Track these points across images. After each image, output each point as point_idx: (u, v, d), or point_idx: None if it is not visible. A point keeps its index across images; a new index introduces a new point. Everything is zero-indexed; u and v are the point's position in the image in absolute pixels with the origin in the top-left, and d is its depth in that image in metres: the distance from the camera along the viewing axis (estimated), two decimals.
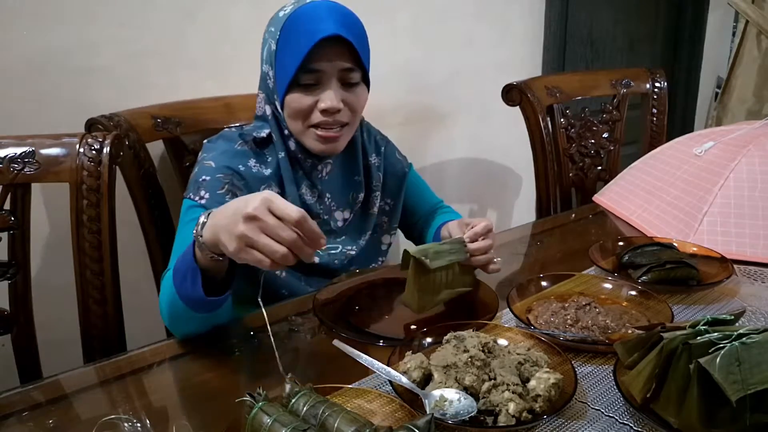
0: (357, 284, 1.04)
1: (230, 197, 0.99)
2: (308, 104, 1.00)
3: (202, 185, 1.00)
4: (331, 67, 0.98)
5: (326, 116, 1.00)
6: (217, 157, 1.03)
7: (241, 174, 1.03)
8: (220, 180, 1.00)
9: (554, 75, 2.01)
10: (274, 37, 1.00)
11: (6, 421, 0.72)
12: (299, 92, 0.99)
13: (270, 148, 1.07)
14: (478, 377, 0.70)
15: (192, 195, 1.00)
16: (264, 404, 0.62)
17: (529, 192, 1.86)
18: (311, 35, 0.95)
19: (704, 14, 2.85)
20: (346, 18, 0.99)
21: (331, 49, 0.97)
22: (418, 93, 1.96)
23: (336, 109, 0.99)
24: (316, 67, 0.97)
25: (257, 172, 1.04)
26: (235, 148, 1.05)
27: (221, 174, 1.01)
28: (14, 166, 0.98)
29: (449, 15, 1.97)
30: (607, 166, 1.76)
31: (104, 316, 1.04)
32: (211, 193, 0.99)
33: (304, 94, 0.99)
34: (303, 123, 1.02)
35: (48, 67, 1.27)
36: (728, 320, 0.70)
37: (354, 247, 1.14)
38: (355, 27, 1.00)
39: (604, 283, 0.99)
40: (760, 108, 2.73)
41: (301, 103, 1.00)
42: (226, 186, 1.00)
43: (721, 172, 1.22)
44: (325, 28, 0.95)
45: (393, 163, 1.22)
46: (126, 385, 0.81)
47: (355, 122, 1.06)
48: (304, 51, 0.95)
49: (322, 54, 0.96)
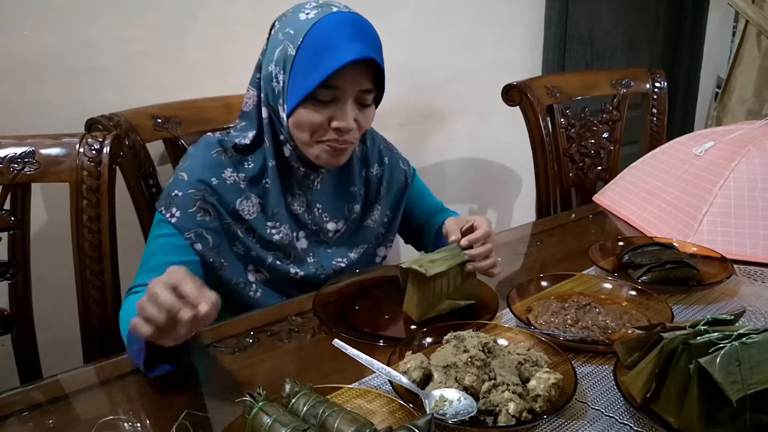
0: (357, 284, 1.04)
1: (202, 215, 0.98)
2: (321, 120, 0.96)
3: (174, 201, 0.97)
4: (352, 88, 0.96)
5: (338, 134, 0.98)
6: (191, 168, 1.00)
7: (213, 188, 0.99)
8: (192, 196, 0.97)
9: (554, 75, 2.01)
10: (293, 42, 0.94)
11: (6, 421, 0.72)
12: (313, 106, 0.95)
13: (256, 153, 1.03)
14: (478, 377, 0.70)
15: (163, 210, 0.98)
16: (264, 404, 0.62)
17: (529, 192, 1.86)
18: (339, 55, 0.91)
19: (704, 14, 2.85)
20: (373, 37, 0.96)
21: (355, 69, 0.93)
22: (418, 93, 1.96)
23: (350, 129, 0.97)
24: (337, 84, 0.94)
25: (233, 183, 1.01)
26: (211, 157, 1.01)
27: (193, 189, 0.98)
28: (14, 166, 0.98)
29: (449, 15, 1.97)
30: (607, 166, 1.76)
31: (104, 316, 1.04)
32: (182, 211, 0.97)
33: (319, 109, 0.96)
34: (311, 137, 0.99)
35: (48, 67, 1.27)
36: (728, 320, 0.70)
37: (344, 260, 1.12)
38: (379, 46, 0.98)
39: (604, 283, 0.99)
40: (760, 108, 2.73)
41: (313, 118, 0.96)
42: (197, 203, 0.98)
43: (721, 172, 1.22)
44: (355, 49, 0.91)
45: (397, 175, 1.20)
46: (126, 385, 0.81)
47: (357, 139, 1.04)
48: (328, 70, 0.91)
49: (345, 74, 0.93)
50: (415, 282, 0.90)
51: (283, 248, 1.05)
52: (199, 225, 0.98)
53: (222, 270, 1.01)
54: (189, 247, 0.97)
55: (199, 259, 0.98)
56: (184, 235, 0.97)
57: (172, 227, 0.97)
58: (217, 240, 1.00)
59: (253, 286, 1.04)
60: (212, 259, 0.99)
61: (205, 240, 0.98)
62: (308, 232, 1.09)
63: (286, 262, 1.06)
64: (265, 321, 0.95)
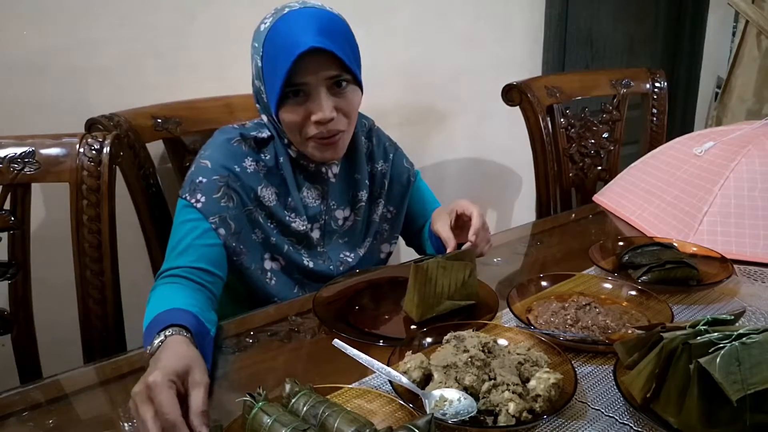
0: (357, 284, 1.04)
1: (226, 201, 1.00)
2: (301, 118, 0.99)
3: (199, 187, 0.99)
4: (317, 79, 0.97)
5: (321, 127, 0.99)
6: (213, 155, 1.03)
7: (237, 174, 1.02)
8: (216, 182, 1.00)
9: (554, 75, 2.01)
10: (258, 54, 0.99)
11: (6, 421, 0.72)
12: (290, 106, 0.98)
13: (269, 147, 1.07)
14: (478, 377, 0.70)
15: (188, 196, 0.99)
16: (264, 404, 0.62)
17: (529, 192, 1.86)
18: (290, 51, 0.93)
19: (704, 14, 2.85)
20: (326, 25, 0.96)
21: (314, 60, 0.94)
22: (418, 93, 1.96)
23: (328, 119, 0.98)
24: (301, 80, 0.96)
25: (253, 172, 1.04)
26: (232, 146, 1.04)
27: (217, 176, 1.00)
28: (14, 166, 0.98)
29: (449, 15, 1.97)
30: (607, 166, 1.76)
31: (104, 316, 1.04)
32: (208, 197, 0.99)
33: (295, 107, 0.98)
34: (300, 135, 1.01)
35: (48, 67, 1.27)
36: (728, 320, 0.70)
37: (352, 255, 1.14)
38: (337, 32, 0.98)
39: (604, 283, 0.99)
40: (760, 108, 2.73)
41: (293, 117, 0.99)
42: (222, 189, 1.00)
43: (721, 172, 1.22)
44: (304, 41, 0.92)
45: (400, 172, 1.21)
46: (126, 385, 0.81)
47: (351, 126, 1.05)
48: (285, 68, 0.93)
49: (304, 67, 0.94)
50: (416, 282, 0.90)
51: (299, 237, 1.08)
52: (222, 210, 1.00)
53: (241, 256, 1.02)
54: (214, 231, 0.99)
55: (222, 242, 1.00)
56: (209, 219, 0.99)
57: (197, 212, 0.99)
58: (239, 226, 1.02)
59: (269, 274, 1.06)
60: (233, 245, 1.01)
61: (228, 225, 1.00)
62: (321, 224, 1.11)
63: (300, 250, 1.08)
64: (265, 321, 0.95)
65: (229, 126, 1.09)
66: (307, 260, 1.09)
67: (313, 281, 1.09)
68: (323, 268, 1.10)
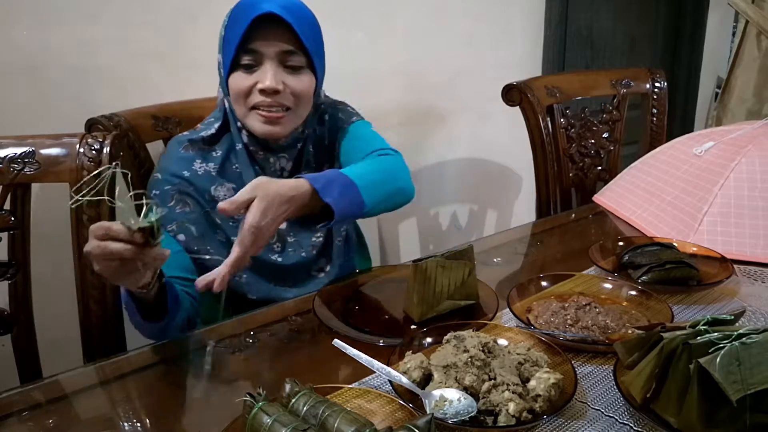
0: (357, 284, 1.04)
1: (181, 207, 1.02)
2: (248, 85, 1.00)
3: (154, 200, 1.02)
4: (270, 48, 0.98)
5: (265, 96, 0.99)
6: (163, 166, 1.06)
7: (187, 179, 1.04)
8: (168, 192, 1.03)
9: (554, 75, 2.01)
10: (224, 25, 1.01)
11: (6, 421, 0.72)
12: (240, 72, 1.00)
13: (221, 141, 1.07)
14: (478, 377, 0.70)
15: None
16: (264, 404, 0.62)
17: (529, 192, 1.86)
18: (248, 14, 0.96)
19: (704, 14, 2.85)
20: (291, 3, 0.99)
21: (270, 30, 0.97)
22: (418, 93, 1.96)
23: (273, 89, 0.98)
24: (255, 47, 0.98)
25: (204, 173, 1.05)
26: (179, 153, 1.06)
27: (168, 185, 1.03)
28: (14, 166, 0.98)
29: (449, 15, 1.97)
30: (607, 166, 1.76)
31: (104, 316, 1.04)
32: (162, 207, 0.99)
33: (244, 74, 1.00)
34: (245, 104, 1.02)
35: (48, 67, 1.26)
36: (728, 320, 0.70)
37: (320, 234, 1.12)
38: (301, 14, 1.00)
39: (604, 283, 0.99)
40: (760, 108, 2.73)
41: (241, 83, 1.00)
42: (174, 196, 1.02)
43: (721, 172, 1.22)
44: (262, 7, 0.95)
45: (334, 127, 1.16)
46: (126, 385, 0.81)
47: (300, 109, 1.04)
48: (241, 30, 0.96)
49: (260, 34, 0.97)
50: (416, 282, 0.90)
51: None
52: (179, 216, 1.02)
53: (206, 257, 1.03)
54: (173, 239, 1.01)
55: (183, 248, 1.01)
56: (167, 228, 1.01)
57: None
58: (201, 229, 1.03)
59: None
60: (197, 248, 1.02)
61: (188, 230, 1.02)
62: None
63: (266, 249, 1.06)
64: (265, 321, 0.95)
65: (179, 135, 1.11)
66: (276, 256, 1.08)
67: (287, 277, 1.08)
68: (296, 259, 1.09)
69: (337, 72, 1.75)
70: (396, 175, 1.07)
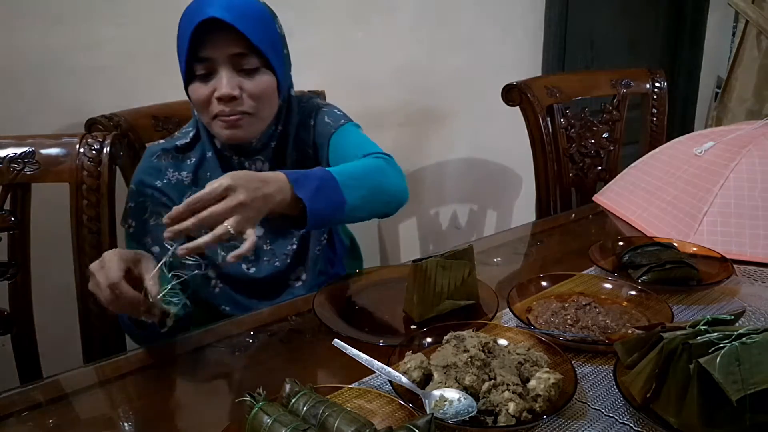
0: (357, 284, 1.04)
1: (155, 219, 1.02)
2: (206, 94, 0.96)
3: (129, 213, 1.03)
4: (220, 54, 0.94)
5: (223, 105, 0.96)
6: (137, 178, 1.05)
7: (160, 190, 1.03)
8: (142, 204, 1.02)
9: (554, 75, 2.01)
10: (178, 31, 0.97)
11: (6, 421, 0.72)
12: (197, 84, 0.96)
13: (195, 149, 1.06)
14: (478, 377, 0.70)
15: (123, 223, 1.04)
16: (264, 404, 0.62)
17: (529, 192, 1.86)
18: (191, 21, 0.92)
19: (704, 14, 2.85)
20: (237, 3, 0.93)
21: (217, 35, 0.92)
22: (418, 93, 1.96)
23: (229, 96, 0.94)
24: (205, 55, 0.94)
25: (177, 182, 1.04)
26: (152, 163, 1.04)
27: (142, 197, 1.03)
28: (14, 166, 0.98)
29: (449, 15, 1.97)
30: (607, 166, 1.75)
31: (104, 316, 1.04)
32: (137, 220, 1.02)
33: (201, 84, 0.96)
34: (207, 114, 0.99)
35: (48, 67, 1.27)
36: (728, 320, 0.70)
37: (294, 240, 1.08)
38: (248, 12, 0.94)
39: (604, 283, 0.99)
40: (760, 108, 2.73)
41: (199, 94, 0.97)
42: (149, 208, 1.02)
43: (721, 172, 1.22)
44: (204, 12, 0.90)
45: (321, 131, 1.10)
46: (126, 385, 0.81)
47: (261, 112, 1.00)
48: (188, 39, 0.92)
49: (208, 41, 0.93)
50: (415, 282, 0.90)
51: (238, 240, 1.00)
52: (152, 230, 1.02)
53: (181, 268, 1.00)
54: (149, 252, 0.99)
55: None
56: (142, 241, 1.01)
57: (131, 238, 1.02)
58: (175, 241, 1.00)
59: (212, 282, 1.05)
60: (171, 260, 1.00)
61: (162, 242, 1.00)
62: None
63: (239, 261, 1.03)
64: (265, 321, 0.95)
65: (152, 145, 1.09)
66: (248, 267, 1.06)
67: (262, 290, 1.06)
68: (270, 270, 1.06)
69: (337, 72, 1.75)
70: (385, 175, 0.99)
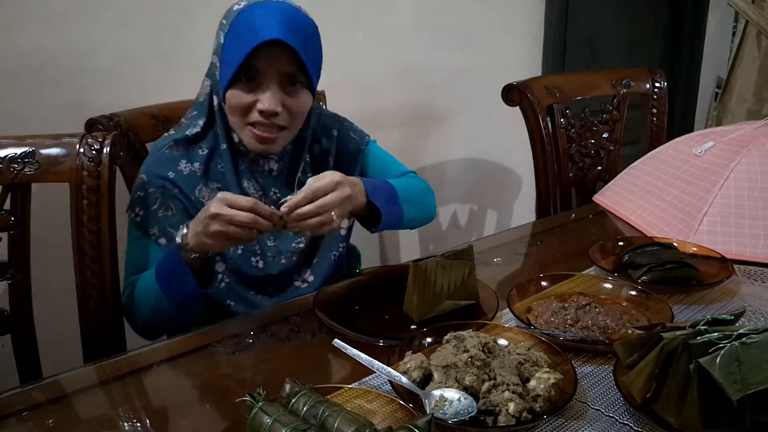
0: (357, 284, 1.04)
1: (164, 210, 1.02)
2: (247, 102, 0.99)
3: (137, 202, 1.03)
4: (272, 70, 0.98)
5: (263, 117, 0.99)
6: (148, 169, 1.05)
7: (172, 181, 1.03)
8: (152, 195, 1.03)
9: (554, 75, 2.01)
10: (224, 30, 1.00)
11: (6, 421, 0.72)
12: (240, 89, 0.99)
13: (207, 138, 1.06)
14: (478, 377, 0.70)
15: (129, 211, 1.04)
16: (264, 404, 0.62)
17: (529, 192, 1.86)
18: (254, 36, 0.94)
19: (704, 14, 2.85)
20: (297, 25, 0.97)
21: (274, 51, 0.95)
22: (418, 93, 1.96)
23: (273, 111, 0.98)
24: (257, 67, 0.97)
25: (189, 173, 1.04)
26: (164, 154, 1.05)
27: (153, 188, 1.03)
28: (14, 166, 0.98)
29: (449, 15, 1.97)
30: (607, 166, 1.76)
31: (104, 316, 1.04)
32: (145, 210, 1.02)
33: (244, 91, 0.99)
34: (241, 119, 1.01)
35: (48, 67, 1.27)
36: (728, 320, 0.70)
37: (302, 238, 1.10)
38: (306, 36, 0.99)
39: (604, 283, 0.99)
40: (760, 108, 2.73)
41: (240, 100, 0.99)
42: (158, 200, 1.02)
43: (721, 172, 1.22)
44: (269, 31, 0.94)
45: (346, 143, 1.17)
46: (126, 385, 0.81)
47: (294, 126, 1.05)
48: (245, 51, 0.94)
49: (263, 55, 0.96)
50: (415, 282, 0.90)
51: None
52: (161, 221, 1.03)
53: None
54: (155, 243, 1.02)
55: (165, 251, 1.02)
56: (150, 231, 1.02)
57: (138, 226, 1.03)
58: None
59: (219, 276, 1.05)
60: None
61: (168, 234, 1.02)
62: None
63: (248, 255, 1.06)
64: (265, 321, 0.95)
65: (164, 135, 1.10)
66: (255, 260, 1.06)
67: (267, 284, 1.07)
68: (277, 267, 1.07)
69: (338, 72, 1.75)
70: (428, 196, 1.18)
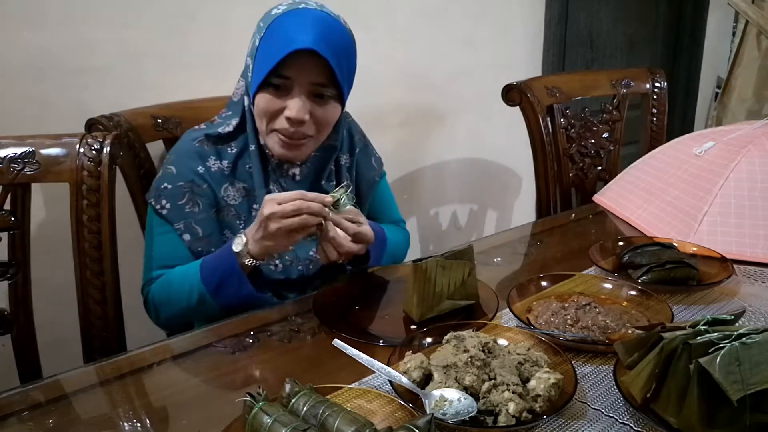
0: (357, 284, 1.04)
1: (191, 206, 1.02)
2: (275, 108, 0.99)
3: (164, 193, 1.02)
4: (302, 79, 0.98)
5: (290, 124, 0.99)
6: (177, 161, 1.05)
7: (201, 176, 1.04)
8: (181, 189, 1.02)
9: (554, 75, 2.01)
10: (260, 33, 1.00)
11: (6, 421, 0.72)
12: (269, 94, 0.99)
13: (238, 139, 1.07)
14: (478, 377, 0.70)
15: (154, 201, 1.03)
16: (264, 404, 0.62)
17: (529, 192, 1.86)
18: (288, 43, 0.94)
19: (704, 14, 2.85)
20: (334, 36, 0.97)
21: (306, 61, 0.95)
22: (418, 93, 1.96)
23: (300, 120, 0.98)
24: (287, 74, 0.97)
25: (217, 171, 1.05)
26: (195, 148, 1.05)
27: (182, 182, 1.03)
28: (14, 166, 0.98)
29: (449, 15, 1.97)
30: (607, 166, 1.76)
31: (104, 316, 1.04)
32: (173, 203, 1.02)
33: (273, 97, 0.99)
34: (267, 124, 1.02)
35: (48, 67, 1.27)
36: (728, 320, 0.70)
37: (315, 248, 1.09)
38: (342, 48, 0.99)
39: (604, 283, 0.99)
40: (760, 108, 2.73)
41: (268, 105, 0.99)
42: (186, 195, 1.02)
43: (721, 172, 1.22)
44: (303, 40, 0.94)
45: (366, 169, 1.20)
46: (126, 385, 0.81)
47: (320, 136, 1.05)
48: (277, 57, 0.95)
49: (295, 64, 0.96)
50: (415, 282, 0.90)
51: None
52: (188, 216, 1.02)
53: None
54: (179, 238, 1.02)
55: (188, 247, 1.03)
56: (174, 225, 1.02)
57: (164, 218, 1.02)
58: (208, 230, 1.04)
59: None
60: (201, 249, 1.03)
61: (193, 231, 1.02)
62: None
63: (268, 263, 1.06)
64: (265, 321, 0.95)
65: (193, 128, 1.10)
66: (274, 265, 1.07)
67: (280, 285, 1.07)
68: (294, 273, 1.07)
69: None
70: (405, 250, 1.26)
